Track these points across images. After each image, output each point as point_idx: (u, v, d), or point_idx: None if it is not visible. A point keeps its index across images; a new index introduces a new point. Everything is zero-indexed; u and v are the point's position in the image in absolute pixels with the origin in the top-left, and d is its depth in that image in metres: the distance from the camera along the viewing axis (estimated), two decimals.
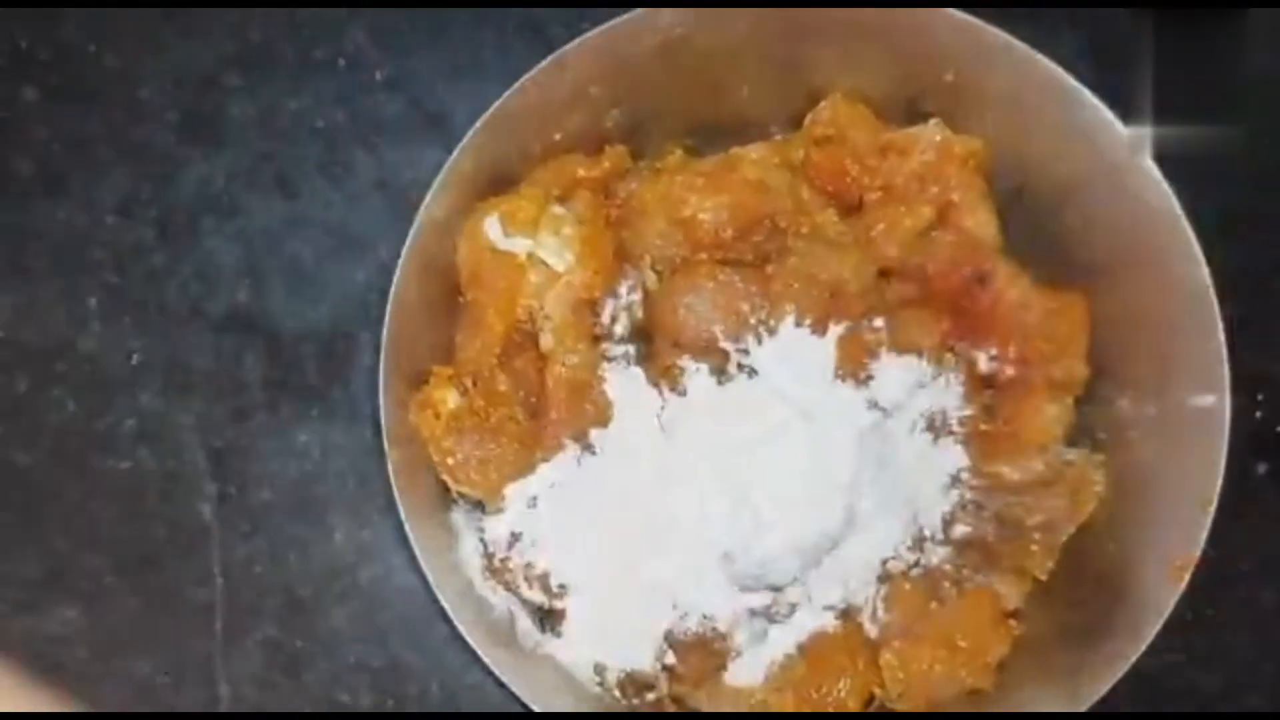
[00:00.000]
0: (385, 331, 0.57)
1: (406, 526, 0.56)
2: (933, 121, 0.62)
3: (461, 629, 0.56)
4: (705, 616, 0.59)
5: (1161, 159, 0.59)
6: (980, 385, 0.63)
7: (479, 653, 0.56)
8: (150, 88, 0.69)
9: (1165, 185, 0.58)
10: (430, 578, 0.56)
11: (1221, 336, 0.57)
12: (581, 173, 0.62)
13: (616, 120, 0.63)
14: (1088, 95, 0.59)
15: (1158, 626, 0.57)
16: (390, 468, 0.56)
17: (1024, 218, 0.64)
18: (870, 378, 0.59)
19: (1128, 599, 0.58)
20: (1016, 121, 0.62)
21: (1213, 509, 0.56)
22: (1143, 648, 0.57)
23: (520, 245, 0.59)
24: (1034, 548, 0.60)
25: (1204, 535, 0.56)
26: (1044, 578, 0.60)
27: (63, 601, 0.66)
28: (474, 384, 0.60)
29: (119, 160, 0.69)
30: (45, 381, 0.68)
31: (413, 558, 0.66)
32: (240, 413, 0.68)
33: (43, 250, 0.68)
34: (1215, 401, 0.57)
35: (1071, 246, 0.63)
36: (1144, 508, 0.60)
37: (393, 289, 0.57)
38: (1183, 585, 0.56)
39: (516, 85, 0.58)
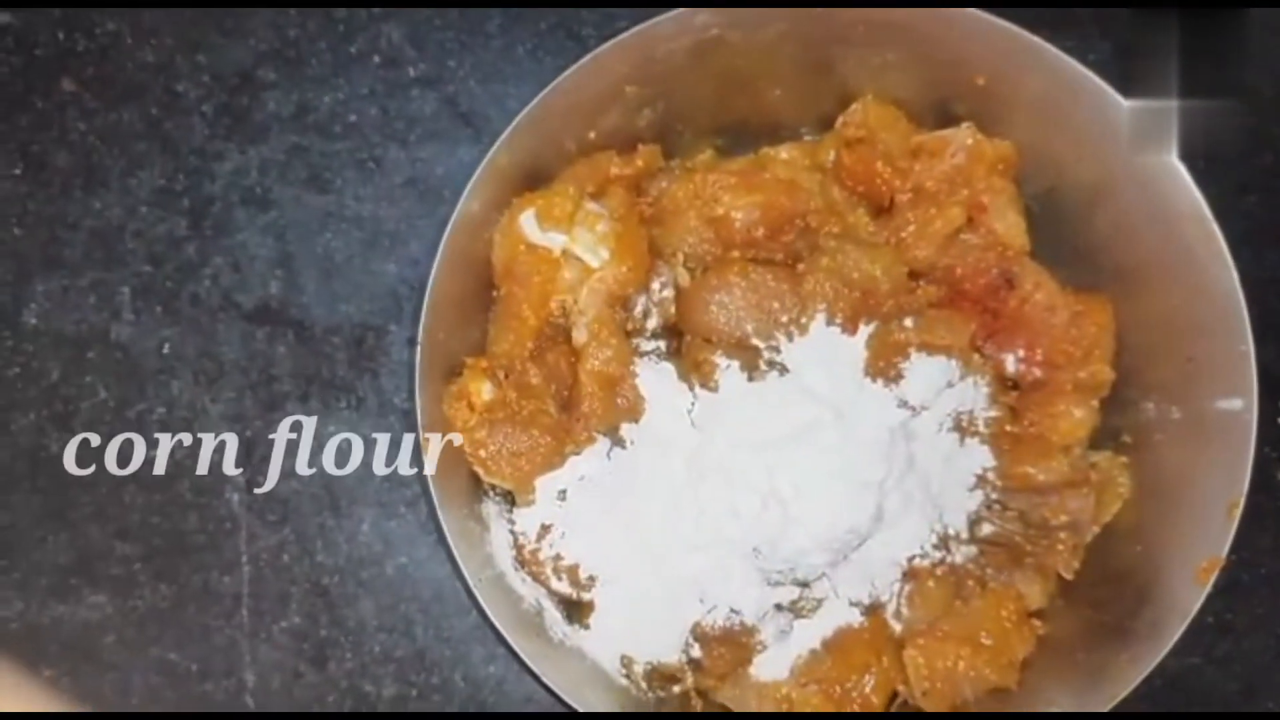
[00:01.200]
0: (421, 325, 0.57)
1: (440, 517, 0.57)
2: (965, 125, 0.63)
3: (493, 619, 0.56)
4: (733, 610, 0.59)
5: (1189, 161, 0.59)
6: (1007, 387, 0.63)
7: (510, 642, 0.56)
8: (187, 81, 0.70)
9: (1195, 189, 0.59)
10: (463, 568, 0.57)
11: (1250, 340, 0.58)
12: (615, 170, 0.62)
13: (649, 119, 0.64)
14: (1118, 99, 0.59)
15: (1182, 628, 0.57)
16: (426, 462, 0.57)
17: (1053, 220, 0.64)
18: (900, 377, 0.59)
19: (1152, 600, 0.59)
20: (1047, 125, 0.62)
21: (1239, 512, 0.57)
22: (1166, 649, 0.57)
23: (555, 241, 0.59)
24: (1060, 547, 0.60)
25: (1230, 538, 0.57)
26: (1070, 577, 0.61)
27: (93, 588, 0.67)
28: (506, 377, 0.60)
29: (154, 153, 0.70)
30: (78, 370, 0.68)
31: (438, 549, 0.67)
32: (270, 404, 0.69)
33: (78, 240, 0.69)
34: (1243, 405, 0.57)
35: (1100, 249, 0.64)
36: (1169, 510, 0.60)
37: (429, 282, 0.57)
38: (1208, 588, 0.57)
39: (554, 83, 0.58)
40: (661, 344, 0.61)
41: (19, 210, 0.69)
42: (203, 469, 0.68)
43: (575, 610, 0.61)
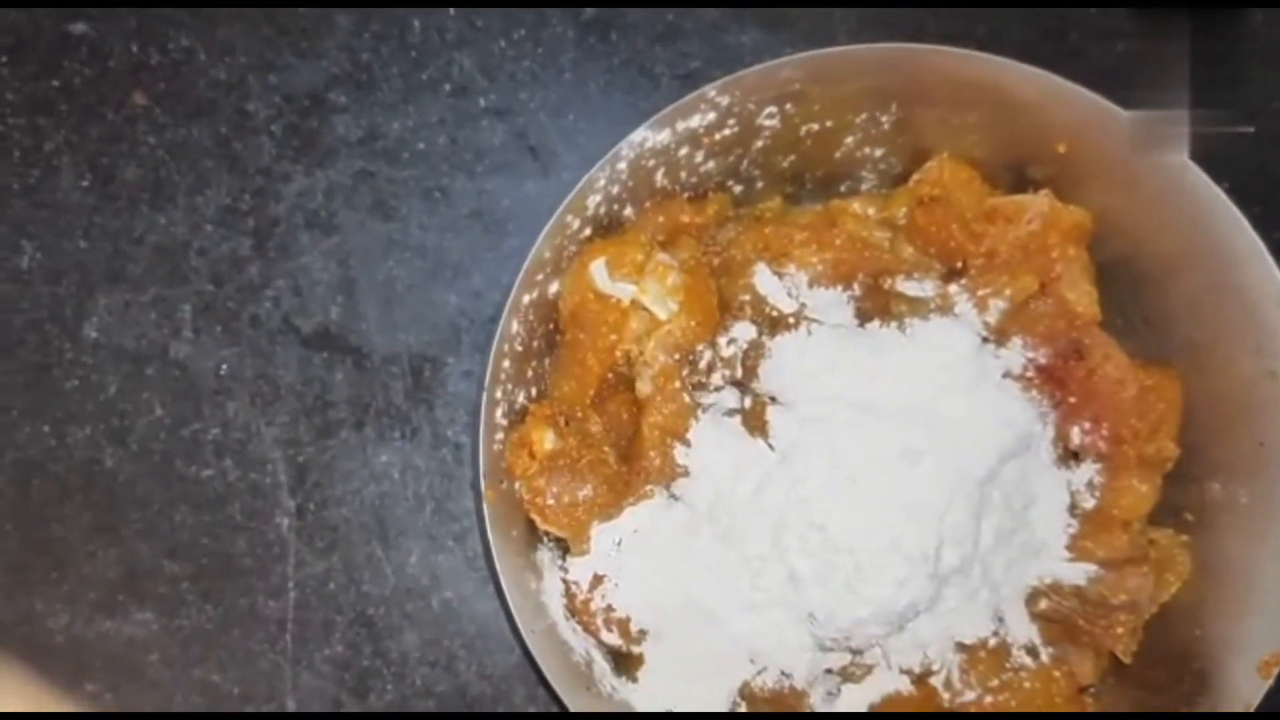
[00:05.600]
0: (489, 369, 0.57)
1: (497, 566, 0.56)
2: (1042, 192, 0.62)
3: (544, 669, 0.56)
4: (783, 673, 0.58)
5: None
6: (1069, 459, 0.62)
7: (560, 695, 0.56)
8: (257, 101, 0.70)
9: (1277, 271, 0.58)
10: (517, 620, 0.56)
11: None
12: (685, 219, 0.62)
13: (721, 165, 0.63)
14: (1200, 174, 0.58)
15: None
16: (485, 508, 0.57)
17: (1125, 290, 0.63)
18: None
19: (1210, 689, 0.58)
20: (1125, 195, 0.61)
21: None
22: None
23: (624, 291, 0.59)
24: (1119, 629, 0.59)
25: None
26: (1129, 661, 0.60)
27: (140, 606, 0.67)
28: (566, 423, 0.60)
29: (222, 171, 0.70)
30: (135, 386, 0.68)
31: (485, 585, 0.67)
32: (324, 430, 0.68)
33: (142, 256, 0.69)
34: None
35: (1172, 322, 0.63)
36: (1230, 596, 0.59)
37: (499, 330, 0.57)
38: (1270, 681, 0.56)
39: (634, 133, 0.58)
40: (726, 399, 0.60)
41: (85, 223, 0.69)
42: (254, 492, 0.68)
43: (624, 663, 0.61)
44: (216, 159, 0.70)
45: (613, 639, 0.59)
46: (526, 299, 0.59)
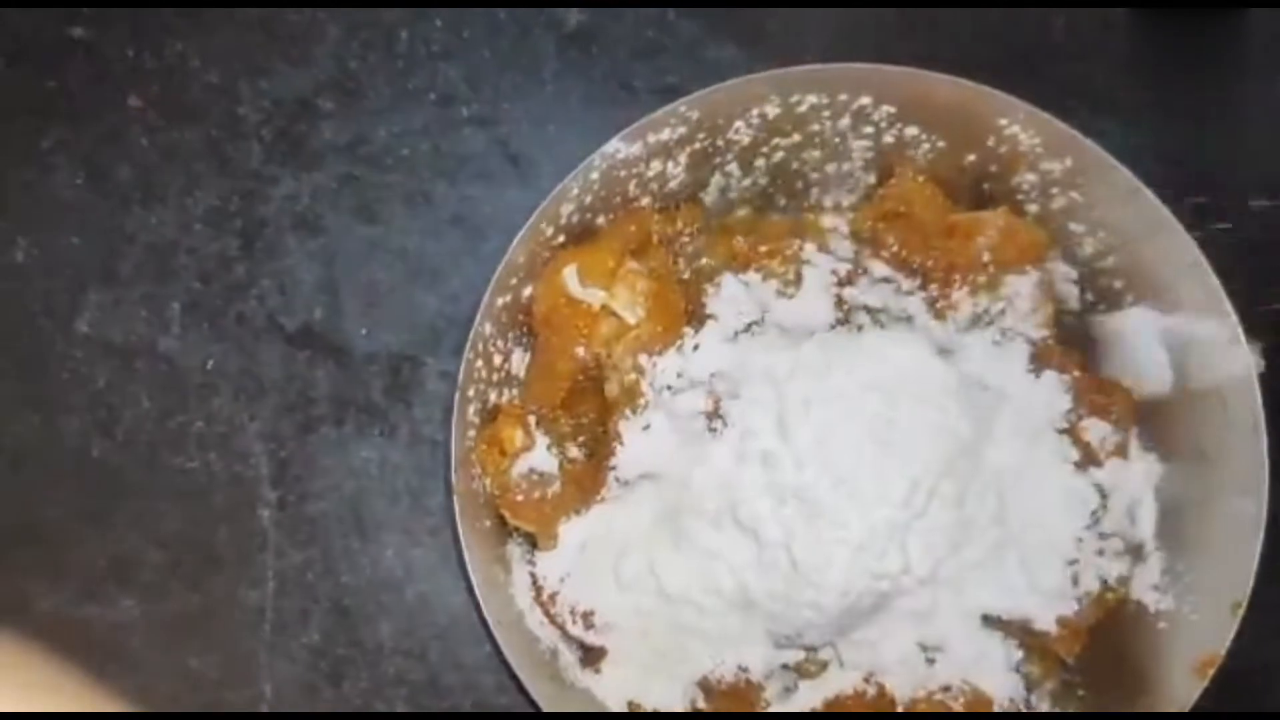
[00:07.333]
0: (462, 369, 0.59)
1: (466, 558, 0.58)
2: (1000, 209, 0.64)
3: (510, 659, 0.58)
4: (740, 668, 0.61)
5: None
6: None
7: (525, 684, 0.58)
8: (248, 106, 0.72)
9: (1220, 289, 0.60)
10: (485, 609, 0.58)
11: (1264, 441, 0.59)
12: (656, 228, 0.64)
13: (692, 177, 0.66)
14: (1149, 194, 0.61)
15: None
16: (456, 502, 0.59)
17: (1081, 305, 0.66)
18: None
19: (1150, 690, 0.60)
20: (1081, 215, 0.64)
21: (1242, 612, 0.58)
22: None
23: (595, 296, 0.61)
24: (1063, 631, 0.62)
25: (1231, 636, 0.58)
26: (1071, 661, 0.62)
27: (124, 591, 0.69)
28: (537, 422, 0.62)
29: (212, 173, 0.72)
30: (124, 379, 0.70)
31: (458, 579, 0.69)
32: (306, 425, 0.71)
33: (133, 254, 0.71)
34: (1253, 506, 0.59)
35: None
36: (1175, 602, 0.62)
37: (472, 331, 0.59)
38: (1205, 683, 0.58)
39: (607, 145, 0.60)
40: (691, 402, 0.62)
41: (79, 220, 0.71)
42: (237, 484, 0.70)
43: (589, 654, 0.63)
44: (207, 161, 0.72)
45: (578, 631, 0.62)
46: (501, 302, 0.61)
